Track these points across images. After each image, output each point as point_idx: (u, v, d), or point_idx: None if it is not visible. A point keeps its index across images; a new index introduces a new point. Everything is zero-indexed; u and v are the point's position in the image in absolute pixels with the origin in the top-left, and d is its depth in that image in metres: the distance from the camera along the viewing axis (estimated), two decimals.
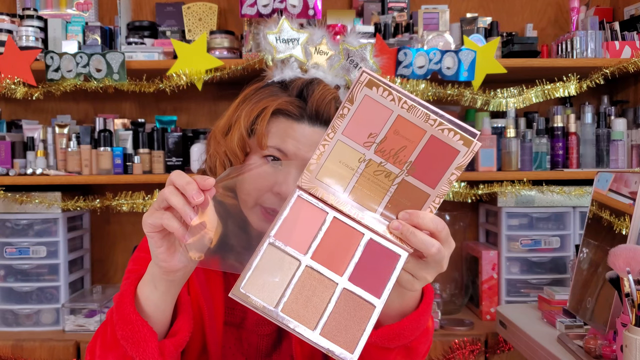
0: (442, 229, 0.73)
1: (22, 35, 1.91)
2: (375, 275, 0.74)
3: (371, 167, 0.75)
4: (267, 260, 0.72)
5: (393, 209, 0.75)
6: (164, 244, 0.70)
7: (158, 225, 0.68)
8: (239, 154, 0.91)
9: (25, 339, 1.83)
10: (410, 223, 0.73)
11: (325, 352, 0.68)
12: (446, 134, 0.72)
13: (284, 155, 0.89)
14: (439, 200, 0.74)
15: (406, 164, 0.74)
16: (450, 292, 2.11)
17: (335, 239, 0.75)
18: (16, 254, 1.91)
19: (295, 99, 0.91)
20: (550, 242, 1.96)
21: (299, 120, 0.90)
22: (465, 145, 0.72)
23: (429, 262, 0.74)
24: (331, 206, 0.76)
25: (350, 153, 0.75)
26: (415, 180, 0.74)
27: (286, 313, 0.70)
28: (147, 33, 2.05)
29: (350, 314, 0.71)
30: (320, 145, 0.75)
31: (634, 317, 1.01)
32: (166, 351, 0.76)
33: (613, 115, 2.07)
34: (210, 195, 0.69)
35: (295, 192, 0.76)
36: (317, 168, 0.76)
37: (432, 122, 0.72)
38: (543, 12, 2.30)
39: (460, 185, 1.91)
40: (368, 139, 0.74)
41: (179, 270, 0.73)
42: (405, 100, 0.72)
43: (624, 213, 1.23)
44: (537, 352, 1.33)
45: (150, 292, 0.76)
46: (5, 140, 1.99)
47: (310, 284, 0.72)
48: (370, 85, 0.72)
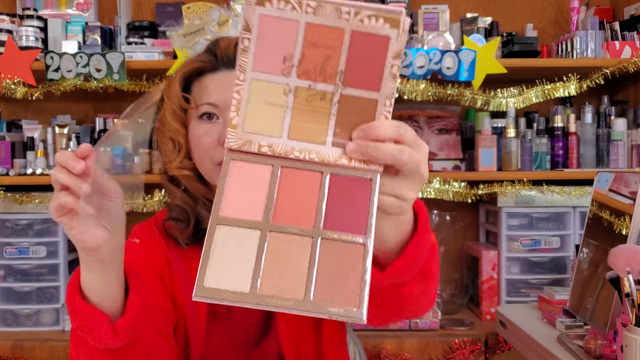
0: (405, 132, 0.64)
1: (22, 35, 1.91)
2: (352, 211, 0.64)
3: (300, 95, 0.64)
4: (223, 243, 0.61)
5: (343, 132, 0.65)
6: (73, 224, 0.67)
7: (57, 206, 0.66)
8: (179, 127, 0.94)
9: (25, 339, 1.83)
10: (368, 139, 0.64)
11: (327, 318, 0.59)
12: (367, 23, 0.61)
13: (216, 107, 0.92)
14: (390, 102, 0.64)
15: (338, 75, 0.63)
16: (450, 292, 2.11)
17: (292, 191, 0.64)
18: (16, 254, 1.91)
19: (206, 55, 0.95)
20: (551, 242, 1.96)
21: (215, 70, 0.94)
22: (393, 27, 0.60)
23: (406, 174, 0.66)
24: (273, 156, 0.65)
25: (271, 89, 0.64)
26: (355, 90, 0.63)
27: (266, 292, 0.59)
28: (147, 33, 2.04)
29: (339, 265, 0.61)
30: (234, 94, 0.65)
31: (634, 317, 1.01)
32: (120, 330, 0.74)
33: (613, 115, 2.07)
34: (90, 161, 0.65)
35: (227, 158, 0.66)
36: (240, 121, 0.65)
37: (347, 15, 0.60)
38: (543, 12, 2.30)
39: (461, 185, 1.91)
40: (284, 64, 0.63)
41: (100, 247, 0.69)
42: (307, 2, 0.60)
43: (624, 213, 1.23)
44: (537, 352, 1.33)
45: (88, 277, 0.73)
46: (5, 140, 1.99)
47: (282, 250, 0.61)
48: (262, 1, 0.61)
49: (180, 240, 0.96)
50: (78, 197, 0.65)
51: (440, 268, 0.87)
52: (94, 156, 0.65)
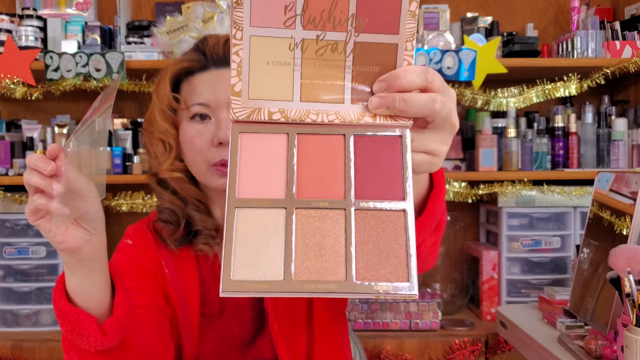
0: (433, 78, 0.57)
1: (22, 34, 1.91)
2: (385, 175, 0.56)
3: (309, 48, 0.55)
4: (245, 228, 0.54)
5: (363, 85, 0.57)
6: (50, 227, 0.66)
7: (33, 210, 0.65)
8: (169, 128, 0.92)
9: (25, 339, 1.82)
10: (392, 91, 0.57)
11: (376, 297, 0.52)
12: None
13: (207, 107, 0.90)
14: (412, 45, 0.56)
15: (349, 20, 0.54)
16: (450, 293, 2.10)
17: (314, 160, 0.57)
18: (15, 254, 1.91)
19: (194, 53, 0.94)
20: (551, 242, 1.95)
21: (205, 69, 0.92)
22: None
23: (438, 124, 0.59)
24: (287, 123, 0.58)
25: (275, 45, 0.55)
26: (371, 35, 0.55)
27: (303, 277, 0.52)
28: (147, 33, 2.04)
29: (379, 236, 0.54)
30: (233, 56, 0.56)
31: (634, 318, 1.01)
32: (109, 331, 0.73)
33: (614, 115, 2.07)
34: (60, 161, 0.63)
35: (235, 132, 0.57)
36: (244, 86, 0.57)
37: None
38: (543, 12, 2.29)
39: (461, 185, 1.91)
40: (286, 14, 0.54)
41: (81, 247, 0.68)
42: None
43: (624, 213, 1.23)
44: (537, 352, 1.32)
45: (72, 279, 0.72)
46: (5, 140, 1.98)
47: (314, 228, 0.54)
48: None
49: (170, 242, 0.95)
50: (52, 198, 0.64)
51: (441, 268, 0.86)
52: (63, 155, 0.64)
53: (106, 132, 0.69)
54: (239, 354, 0.99)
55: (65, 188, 0.64)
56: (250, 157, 0.56)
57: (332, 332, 1.00)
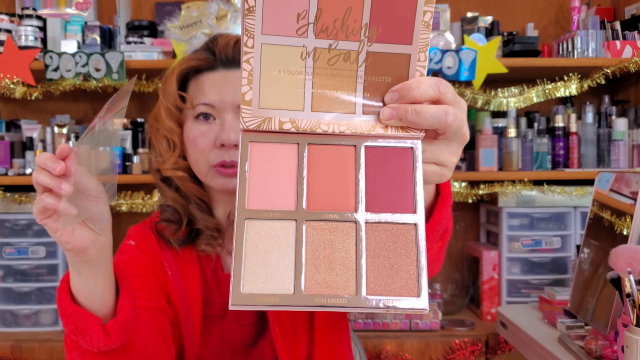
0: (445, 89, 0.57)
1: (21, 34, 1.90)
2: (396, 187, 0.56)
3: (321, 57, 0.55)
4: (255, 240, 0.53)
5: (374, 96, 0.56)
6: (58, 226, 0.66)
7: (40, 209, 0.65)
8: (174, 126, 0.93)
9: (24, 340, 1.82)
10: (404, 102, 0.56)
11: (386, 312, 0.53)
12: None
13: (212, 108, 0.90)
14: (425, 56, 0.55)
15: (362, 30, 0.54)
16: (450, 293, 2.10)
17: (324, 171, 0.56)
18: (15, 254, 1.90)
19: (203, 52, 0.93)
20: (551, 243, 1.95)
21: (213, 69, 0.91)
22: None
23: (449, 136, 0.59)
24: (297, 133, 0.57)
25: (286, 53, 0.54)
26: (384, 45, 0.54)
27: (313, 291, 0.51)
28: (147, 32, 2.04)
29: (390, 250, 0.54)
30: (243, 64, 0.55)
31: (634, 318, 1.00)
32: (112, 332, 0.73)
33: (614, 115, 2.06)
34: (70, 161, 0.64)
35: (244, 141, 0.57)
36: (254, 95, 0.55)
37: None
38: (544, 12, 2.29)
39: (461, 185, 1.91)
40: (299, 23, 0.53)
41: (87, 248, 0.68)
42: None
43: (625, 213, 1.23)
44: (537, 352, 1.32)
45: (77, 279, 0.72)
46: (4, 140, 1.98)
47: (324, 241, 0.54)
48: None
49: (173, 241, 0.95)
50: (60, 198, 0.64)
51: (441, 268, 0.86)
52: (73, 156, 0.64)
53: (119, 134, 0.69)
54: (241, 357, 0.99)
55: (74, 188, 0.64)
56: (260, 167, 0.56)
57: (333, 335, 1.00)
